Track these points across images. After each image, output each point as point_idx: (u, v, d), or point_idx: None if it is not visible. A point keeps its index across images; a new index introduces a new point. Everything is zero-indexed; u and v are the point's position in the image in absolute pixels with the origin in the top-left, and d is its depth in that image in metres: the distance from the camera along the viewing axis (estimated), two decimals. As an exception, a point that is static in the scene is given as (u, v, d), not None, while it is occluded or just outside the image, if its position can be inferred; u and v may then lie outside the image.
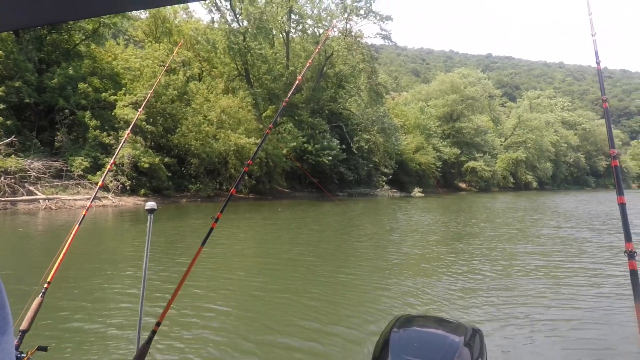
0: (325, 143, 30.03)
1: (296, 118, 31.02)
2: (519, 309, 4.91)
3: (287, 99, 3.52)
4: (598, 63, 2.09)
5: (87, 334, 4.09)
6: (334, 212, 19.38)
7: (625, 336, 4.07)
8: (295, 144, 28.00)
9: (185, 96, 24.87)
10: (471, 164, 47.78)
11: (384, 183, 36.82)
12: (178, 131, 22.97)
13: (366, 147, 34.26)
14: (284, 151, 26.75)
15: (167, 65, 6.06)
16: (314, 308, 5.08)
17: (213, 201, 22.01)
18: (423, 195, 36.17)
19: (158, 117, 22.39)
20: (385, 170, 36.75)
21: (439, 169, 42.32)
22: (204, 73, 29.74)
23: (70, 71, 20.34)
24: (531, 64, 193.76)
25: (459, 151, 47.47)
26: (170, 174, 21.79)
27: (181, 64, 26.99)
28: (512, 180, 53.39)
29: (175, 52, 6.41)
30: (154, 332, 2.02)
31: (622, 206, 1.68)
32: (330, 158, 29.42)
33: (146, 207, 2.18)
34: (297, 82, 3.84)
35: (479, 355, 1.40)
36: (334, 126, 33.50)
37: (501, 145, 56.79)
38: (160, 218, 14.35)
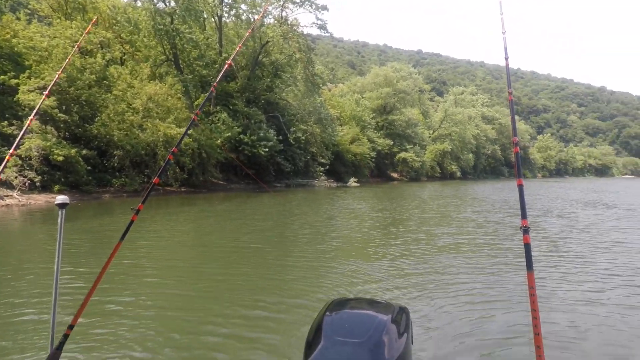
0: (262, 134, 29.41)
1: (231, 107, 29.95)
2: (438, 283, 5.48)
3: (215, 84, 3.33)
4: (506, 59, 2.30)
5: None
6: (273, 202, 19.14)
7: (517, 294, 4.92)
8: (230, 134, 27.04)
9: (105, 81, 22.68)
10: (403, 154, 50.11)
11: (321, 174, 37.18)
12: (97, 120, 20.92)
13: (303, 137, 34.23)
14: (218, 142, 25.70)
15: (78, 44, 5.29)
16: (255, 295, 5.09)
17: (141, 196, 20.45)
18: (358, 185, 37.20)
19: (72, 105, 20.15)
20: (323, 160, 37.12)
21: (373, 160, 43.78)
22: (127, 56, 27.38)
23: (-43, 48, 17.45)
24: (457, 61, 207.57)
25: (392, 142, 49.50)
26: (89, 168, 19.78)
27: (99, 46, 24.56)
28: (439, 170, 57.04)
29: (87, 29, 5.61)
30: (65, 336, 1.95)
31: (520, 187, 1.83)
32: (267, 149, 28.91)
33: (56, 202, 2.01)
34: (226, 66, 3.60)
35: (405, 330, 1.51)
36: (271, 116, 32.94)
37: (429, 137, 60.30)
38: (80, 216, 13.09)
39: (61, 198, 2.02)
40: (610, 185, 44.76)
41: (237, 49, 4.06)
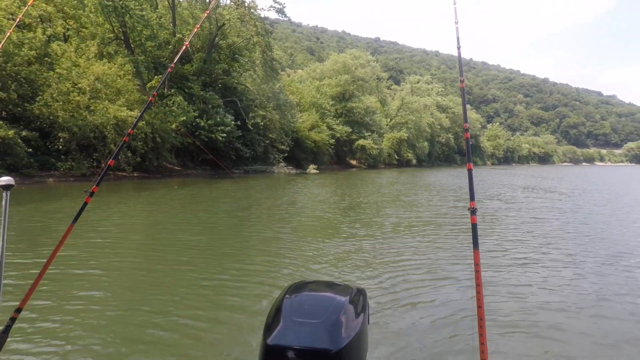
0: (219, 119, 28.71)
1: (186, 91, 28.90)
2: (395, 263, 5.77)
3: (172, 65, 3.29)
4: (459, 48, 2.37)
5: None
6: (235, 188, 18.99)
7: (463, 270, 5.33)
8: (185, 118, 26.14)
9: (46, 59, 21.09)
10: (361, 142, 50.87)
11: (280, 160, 37.00)
12: (39, 100, 19.48)
13: (262, 123, 33.80)
14: (173, 126, 24.80)
15: (20, 16, 4.92)
16: (221, 276, 5.16)
17: (89, 180, 19.42)
18: (318, 171, 37.46)
19: (10, 82, 18.63)
20: (282, 147, 36.91)
21: (332, 147, 44.15)
22: (70, 33, 25.52)
23: None
24: (413, 50, 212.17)
25: (350, 130, 50.05)
26: (30, 150, 18.46)
27: (39, 20, 22.71)
28: (396, 157, 58.54)
29: (31, 1, 5.25)
30: (12, 320, 1.88)
31: (470, 171, 1.91)
32: (225, 135, 28.31)
33: (0, 184, 1.84)
34: (183, 47, 3.58)
35: (362, 310, 1.55)
36: (229, 101, 32.17)
37: (387, 125, 61.56)
38: (28, 199, 12.40)
39: (6, 179, 1.87)
40: (551, 173, 48.31)
41: (195, 29, 3.99)
